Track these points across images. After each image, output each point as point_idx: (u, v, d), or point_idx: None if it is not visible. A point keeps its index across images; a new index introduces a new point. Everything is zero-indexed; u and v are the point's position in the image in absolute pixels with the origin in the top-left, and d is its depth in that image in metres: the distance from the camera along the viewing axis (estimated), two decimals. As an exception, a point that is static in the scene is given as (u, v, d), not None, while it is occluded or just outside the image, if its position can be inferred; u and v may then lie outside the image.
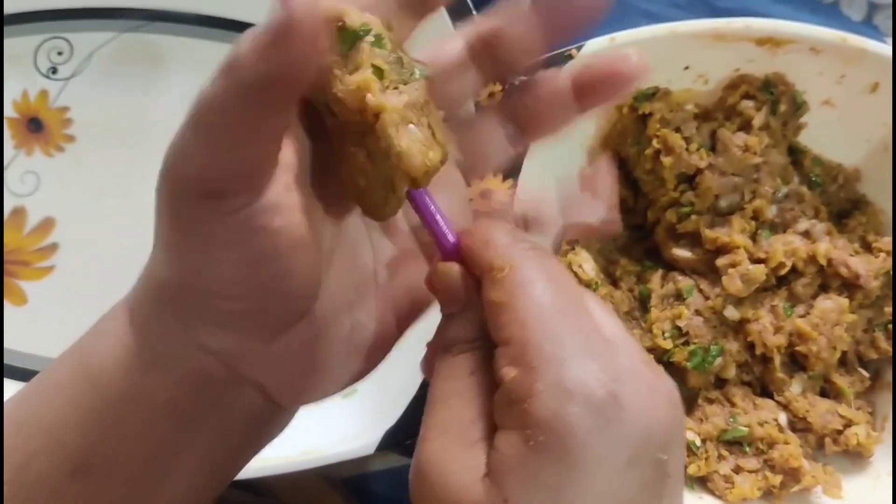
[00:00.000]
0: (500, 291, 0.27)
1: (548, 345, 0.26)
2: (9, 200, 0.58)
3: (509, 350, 0.26)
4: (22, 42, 0.60)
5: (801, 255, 0.53)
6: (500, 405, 0.26)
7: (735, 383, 0.53)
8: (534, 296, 0.27)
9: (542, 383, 0.25)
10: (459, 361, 0.28)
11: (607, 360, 0.26)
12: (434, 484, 0.26)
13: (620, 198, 0.57)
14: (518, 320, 0.26)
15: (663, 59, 0.53)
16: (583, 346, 0.26)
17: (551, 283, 0.27)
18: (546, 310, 0.26)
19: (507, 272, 0.27)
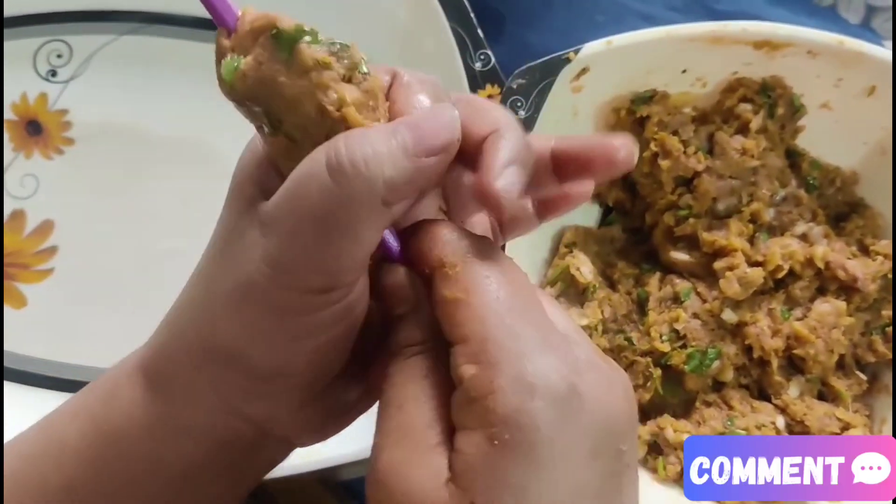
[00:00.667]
0: (455, 288, 0.26)
1: (507, 340, 0.25)
2: (8, 203, 0.58)
3: (467, 347, 0.25)
4: (21, 45, 0.60)
5: (799, 258, 0.53)
6: (460, 405, 0.25)
7: (733, 386, 0.53)
8: (489, 291, 0.26)
9: (503, 379, 0.24)
10: (412, 364, 0.27)
11: (565, 353, 0.26)
12: (395, 492, 0.25)
13: (618, 201, 0.57)
14: (476, 317, 0.26)
15: (661, 62, 0.53)
16: (541, 340, 0.26)
17: (505, 279, 0.27)
18: (503, 305, 0.26)
19: (460, 268, 0.27)
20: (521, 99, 0.50)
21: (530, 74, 0.50)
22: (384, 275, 0.28)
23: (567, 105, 0.53)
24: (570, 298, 0.53)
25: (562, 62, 0.50)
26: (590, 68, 0.51)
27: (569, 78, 0.51)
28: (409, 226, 0.29)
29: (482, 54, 0.54)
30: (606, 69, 0.52)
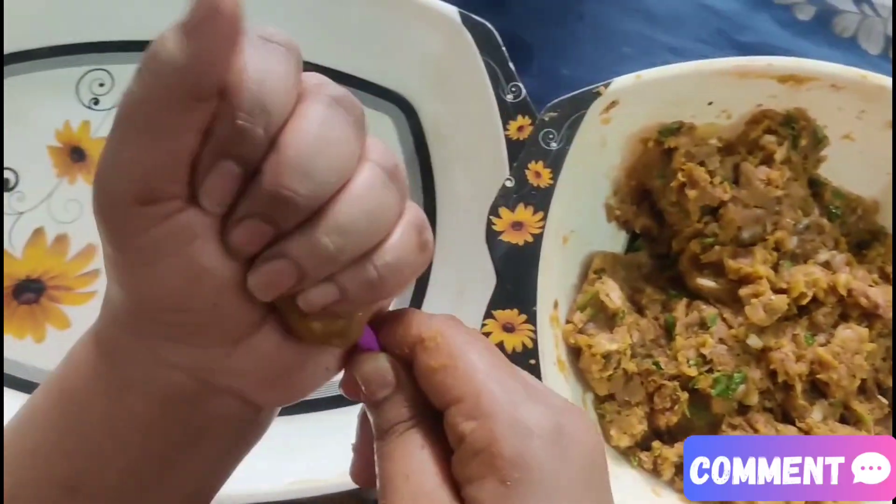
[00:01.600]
0: (440, 357, 0.29)
1: (498, 392, 0.28)
2: (52, 227, 0.60)
3: (462, 406, 0.28)
4: (64, 73, 0.62)
5: (822, 285, 0.54)
6: (465, 459, 0.28)
7: (757, 410, 0.55)
8: (472, 354, 0.29)
9: (502, 426, 0.27)
10: (406, 440, 0.29)
11: (545, 399, 0.29)
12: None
13: (645, 227, 0.58)
14: (466, 377, 0.28)
15: (688, 94, 0.54)
16: (524, 390, 0.29)
17: (480, 344, 0.30)
18: (487, 363, 0.29)
19: (440, 340, 0.29)
20: (553, 131, 0.52)
21: (562, 107, 0.52)
22: (362, 364, 0.30)
23: (596, 136, 0.54)
24: (599, 324, 0.54)
25: (592, 96, 0.52)
26: (619, 101, 0.53)
27: (599, 110, 0.53)
28: (381, 315, 0.31)
29: (513, 86, 0.56)
30: (635, 102, 0.54)
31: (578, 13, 0.66)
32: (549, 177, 0.51)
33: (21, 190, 0.60)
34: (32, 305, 0.58)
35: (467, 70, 0.57)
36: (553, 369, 0.51)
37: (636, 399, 0.54)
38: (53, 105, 0.61)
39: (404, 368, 0.30)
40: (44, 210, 0.60)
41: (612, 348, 0.52)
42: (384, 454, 0.29)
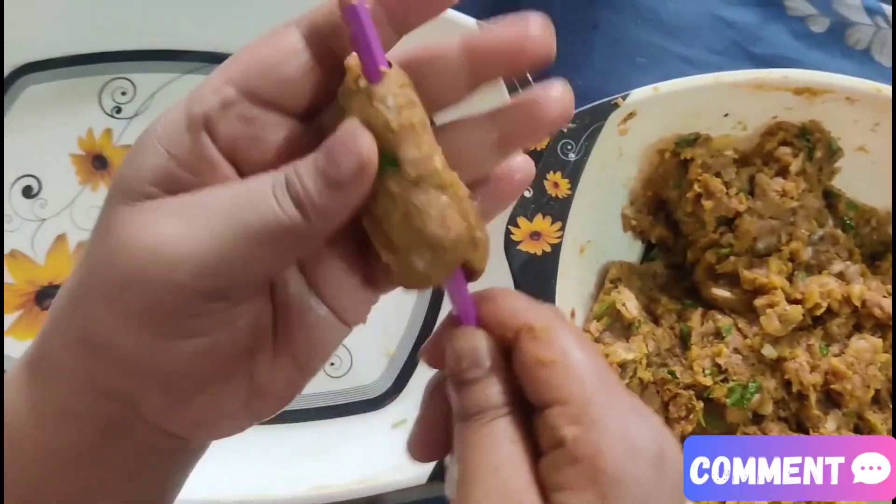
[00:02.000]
0: (550, 350, 0.27)
1: (608, 403, 0.27)
2: (74, 234, 0.60)
3: (567, 409, 0.26)
4: (87, 82, 0.63)
5: (837, 296, 0.54)
6: (560, 465, 0.26)
7: (772, 419, 0.55)
8: (584, 355, 0.27)
9: (609, 440, 0.26)
10: (495, 429, 0.27)
11: (651, 419, 0.27)
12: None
13: (661, 237, 0.59)
14: (575, 378, 0.27)
15: (704, 106, 0.55)
16: (632, 405, 0.27)
17: (589, 346, 0.28)
18: (598, 369, 0.27)
19: (553, 332, 0.27)
20: (572, 142, 0.52)
21: (580, 119, 0.53)
22: (458, 338, 0.29)
23: (613, 147, 0.55)
24: (615, 333, 0.55)
25: (610, 107, 0.53)
26: (637, 113, 0.53)
27: (616, 122, 0.53)
28: (483, 291, 0.29)
29: (531, 97, 0.56)
30: (652, 113, 0.54)
31: (592, 23, 0.67)
32: (567, 187, 0.52)
33: (44, 197, 0.61)
34: (55, 311, 0.59)
35: (485, 81, 0.58)
36: (570, 378, 0.52)
37: (651, 408, 0.54)
38: (76, 113, 0.62)
39: (502, 352, 0.29)
40: (66, 217, 0.61)
41: (629, 357, 0.53)
42: (468, 439, 0.28)
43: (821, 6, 0.67)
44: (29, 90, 0.62)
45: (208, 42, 0.63)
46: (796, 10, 0.67)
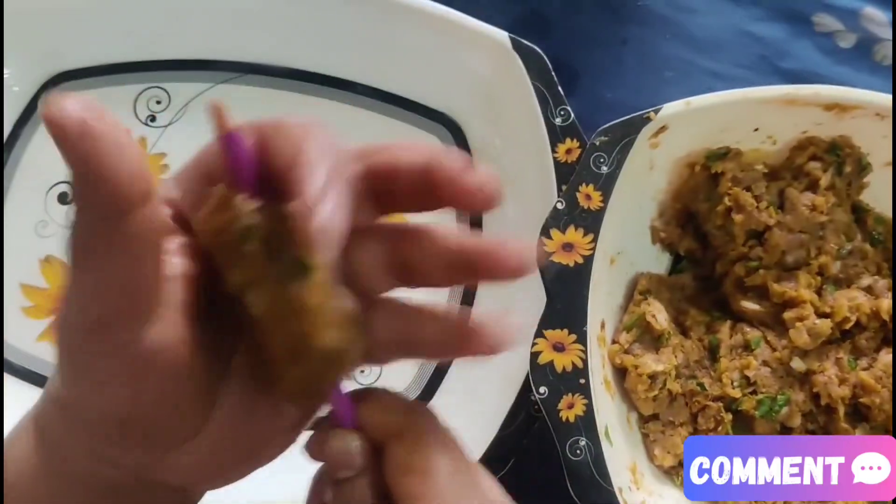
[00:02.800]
0: (416, 459, 0.28)
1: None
2: (109, 240, 0.61)
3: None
4: (122, 91, 0.64)
5: (865, 310, 0.55)
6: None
7: (800, 432, 0.55)
8: (446, 466, 0.28)
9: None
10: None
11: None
12: None
13: (690, 250, 0.59)
14: (436, 492, 0.28)
15: (735, 121, 0.56)
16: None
17: (455, 454, 0.29)
18: (459, 482, 0.28)
19: (420, 441, 0.29)
20: (604, 155, 0.53)
21: (612, 132, 0.53)
22: (332, 439, 0.29)
23: (644, 160, 0.55)
24: (645, 344, 0.55)
25: (643, 121, 0.53)
26: (668, 126, 0.54)
27: (648, 135, 0.54)
28: (362, 391, 0.30)
29: (562, 110, 0.57)
30: (684, 127, 0.55)
31: (622, 38, 0.67)
32: (599, 199, 0.52)
33: (78, 203, 0.62)
34: (89, 316, 0.60)
35: (517, 93, 0.58)
36: (600, 388, 0.52)
37: (680, 419, 0.55)
38: (111, 121, 0.63)
39: (373, 451, 0.29)
40: (100, 223, 0.62)
41: (659, 369, 0.53)
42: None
43: (848, 22, 0.67)
44: (65, 98, 0.63)
45: (242, 52, 0.64)
46: (824, 25, 0.68)
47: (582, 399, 0.49)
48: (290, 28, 0.62)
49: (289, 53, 0.63)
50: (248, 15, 0.62)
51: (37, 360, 0.59)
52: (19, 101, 0.62)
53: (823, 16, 0.68)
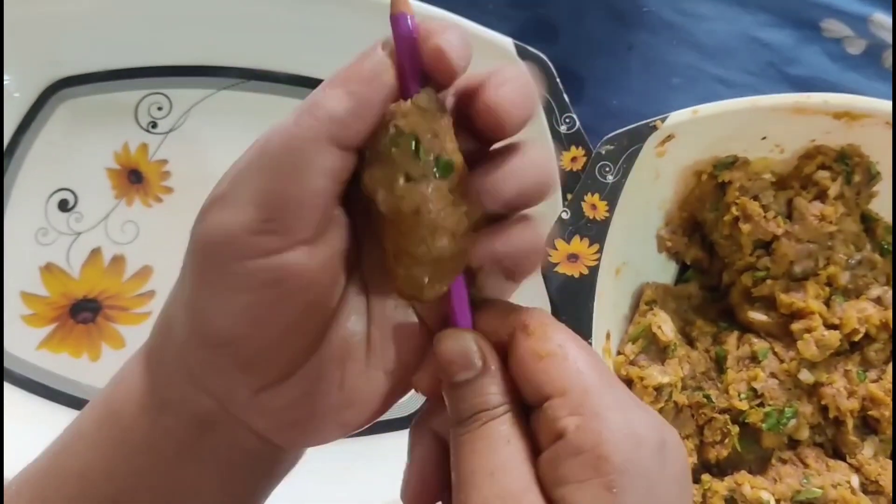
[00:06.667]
0: (548, 344, 0.27)
1: (607, 393, 0.26)
2: (109, 248, 0.61)
3: (567, 400, 0.26)
4: (124, 97, 0.64)
5: (875, 321, 0.54)
6: (563, 458, 0.26)
7: (808, 445, 0.55)
8: (579, 347, 0.28)
9: (611, 429, 0.26)
10: (492, 431, 0.27)
11: (648, 408, 0.28)
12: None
13: (696, 259, 0.59)
14: (574, 370, 0.27)
15: (742, 129, 0.55)
16: (630, 396, 0.28)
17: (584, 343, 0.29)
18: (594, 361, 0.28)
19: (549, 328, 0.28)
20: (610, 164, 0.52)
21: (618, 141, 0.53)
22: (446, 340, 0.29)
23: (650, 168, 0.55)
24: (651, 355, 0.54)
25: (649, 129, 0.53)
26: (675, 135, 0.53)
27: (654, 144, 0.53)
28: (478, 301, 0.30)
29: (567, 118, 0.56)
30: (690, 136, 0.54)
31: (628, 44, 0.67)
32: (605, 209, 0.52)
33: (79, 210, 0.61)
34: (89, 325, 0.59)
35: (521, 101, 0.57)
36: (605, 400, 0.52)
37: (686, 431, 0.54)
38: (112, 127, 0.63)
39: (495, 354, 0.29)
40: (101, 231, 0.61)
41: (665, 381, 0.53)
42: (463, 444, 0.27)
43: (857, 28, 0.67)
44: (66, 104, 0.63)
45: (244, 58, 0.63)
46: (832, 31, 0.67)
47: (587, 412, 0.49)
48: (292, 34, 0.61)
49: (291, 59, 0.63)
50: (249, 21, 0.61)
51: (37, 368, 0.58)
52: (20, 107, 0.62)
53: (832, 22, 0.67)
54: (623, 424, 0.26)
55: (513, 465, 0.27)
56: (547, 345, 0.27)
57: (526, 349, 0.28)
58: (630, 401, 0.27)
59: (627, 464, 0.25)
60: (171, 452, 0.30)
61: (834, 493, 0.52)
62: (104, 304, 0.60)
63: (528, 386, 0.28)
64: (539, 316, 0.29)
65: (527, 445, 0.27)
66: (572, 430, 0.26)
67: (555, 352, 0.27)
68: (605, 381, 0.27)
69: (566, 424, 0.26)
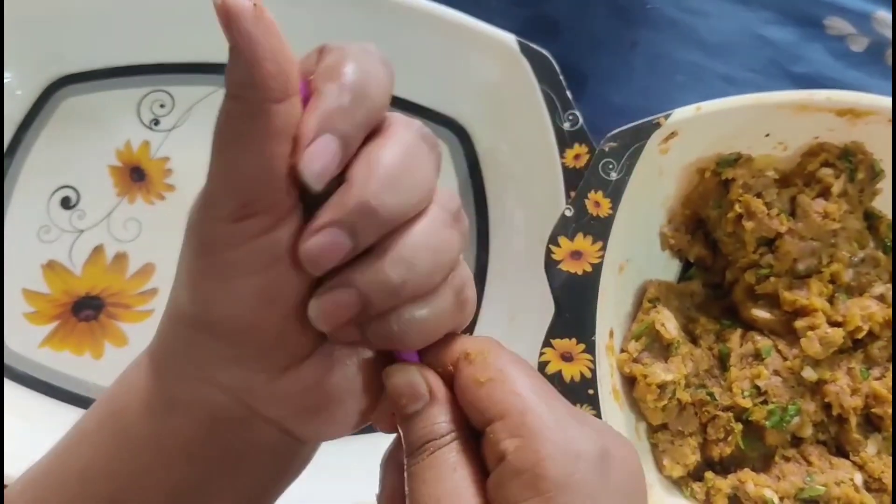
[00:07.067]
0: (487, 371, 0.28)
1: (545, 412, 0.27)
2: (112, 246, 0.61)
3: (507, 423, 0.27)
4: (126, 94, 0.63)
5: (878, 319, 0.54)
6: (506, 479, 0.26)
7: (811, 442, 0.55)
8: (518, 371, 0.28)
9: (549, 447, 0.26)
10: (439, 460, 0.28)
11: (590, 423, 0.28)
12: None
13: (699, 256, 0.59)
14: (512, 392, 0.27)
15: (745, 126, 0.55)
16: (569, 411, 0.28)
17: (524, 364, 0.29)
18: (533, 382, 0.28)
19: (486, 355, 0.29)
20: (613, 161, 0.52)
21: (622, 138, 0.52)
22: (395, 374, 0.29)
23: (654, 165, 0.55)
24: (654, 353, 0.54)
25: (652, 127, 0.52)
26: (678, 132, 0.53)
27: (658, 141, 0.53)
28: None
29: (570, 115, 0.56)
30: (693, 133, 0.54)
31: (631, 41, 0.67)
32: (608, 207, 0.52)
33: (82, 208, 0.61)
34: (91, 322, 0.59)
35: (524, 98, 0.58)
36: (608, 398, 0.52)
37: (690, 429, 0.54)
38: (115, 125, 0.63)
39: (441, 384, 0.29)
40: (103, 228, 0.61)
41: (668, 378, 0.52)
42: (414, 475, 0.28)
43: (860, 25, 0.66)
44: (68, 102, 0.63)
45: (247, 56, 0.63)
46: (836, 28, 0.67)
47: (591, 409, 0.49)
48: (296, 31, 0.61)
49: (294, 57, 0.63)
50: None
51: (39, 366, 0.58)
52: (22, 105, 0.62)
53: (835, 19, 0.67)
54: (561, 441, 0.26)
55: (459, 492, 0.27)
56: (486, 371, 0.28)
57: (467, 376, 0.29)
58: (569, 417, 0.27)
59: (566, 478, 0.26)
60: (181, 452, 0.30)
61: (837, 491, 0.52)
62: (107, 301, 0.60)
63: (473, 411, 0.28)
64: (480, 344, 0.30)
65: (475, 471, 0.28)
66: (512, 452, 0.26)
67: (494, 377, 0.28)
68: (543, 401, 0.27)
69: (506, 446, 0.27)
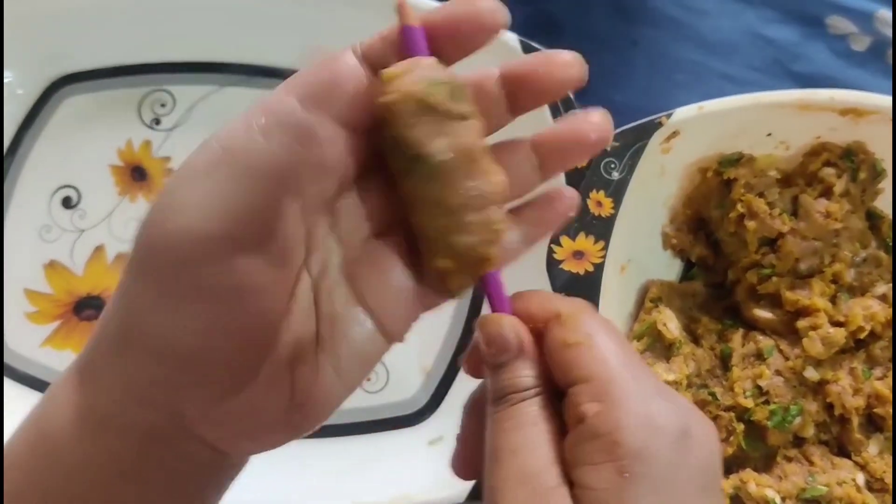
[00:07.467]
0: (576, 333, 0.29)
1: (630, 382, 0.28)
2: (113, 245, 0.61)
3: (590, 387, 0.28)
4: (127, 93, 0.63)
5: (880, 319, 0.54)
6: (581, 441, 0.27)
7: (813, 442, 0.55)
8: (608, 338, 0.29)
9: (629, 417, 0.27)
10: (520, 412, 0.29)
11: (675, 398, 0.28)
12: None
13: (701, 256, 0.59)
14: (599, 358, 0.28)
15: (747, 126, 0.55)
16: (655, 385, 0.28)
17: (615, 332, 0.30)
18: (622, 351, 0.29)
19: (579, 318, 0.29)
20: (615, 161, 0.52)
21: (623, 137, 0.52)
22: (486, 324, 0.30)
23: (655, 164, 0.54)
24: (656, 353, 0.54)
25: (654, 126, 0.52)
26: (680, 131, 0.53)
27: (659, 140, 0.53)
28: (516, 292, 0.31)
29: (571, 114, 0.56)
30: (695, 132, 0.54)
31: (632, 40, 0.67)
32: (610, 206, 0.52)
33: (83, 208, 0.61)
34: (93, 322, 0.59)
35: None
36: (610, 398, 0.52)
37: (691, 429, 0.54)
38: (116, 124, 0.63)
39: (531, 340, 0.30)
40: (105, 228, 0.61)
41: (670, 378, 0.53)
42: (494, 422, 0.29)
43: (862, 24, 0.66)
44: (69, 101, 0.63)
45: (248, 55, 0.63)
46: (837, 28, 0.67)
47: (592, 409, 0.49)
48: (297, 30, 0.61)
49: (295, 56, 0.62)
50: (254, 17, 0.61)
51: (40, 365, 0.58)
52: (23, 104, 0.62)
53: (837, 18, 0.67)
54: (641, 413, 0.27)
55: (535, 445, 0.28)
56: (576, 334, 0.29)
57: (556, 337, 0.29)
58: (654, 391, 0.28)
59: (642, 450, 0.26)
60: (113, 471, 0.29)
61: (839, 491, 0.52)
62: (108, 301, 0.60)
63: (558, 371, 0.29)
64: (574, 306, 0.30)
65: (554, 427, 0.28)
66: (591, 415, 0.27)
67: (583, 341, 0.29)
68: (629, 371, 0.28)
69: (587, 410, 0.27)
